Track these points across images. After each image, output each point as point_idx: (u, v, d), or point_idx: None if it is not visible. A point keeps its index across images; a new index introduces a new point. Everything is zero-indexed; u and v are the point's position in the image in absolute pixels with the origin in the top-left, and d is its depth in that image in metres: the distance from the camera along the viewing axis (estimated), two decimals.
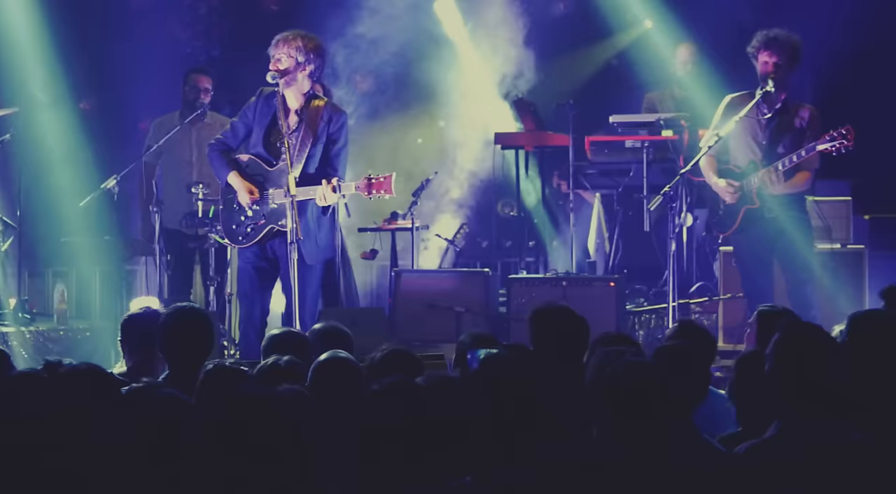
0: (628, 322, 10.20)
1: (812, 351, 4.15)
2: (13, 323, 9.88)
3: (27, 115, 10.70)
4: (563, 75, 12.84)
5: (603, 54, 13.13)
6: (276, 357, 5.18)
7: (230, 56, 12.56)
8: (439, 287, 10.27)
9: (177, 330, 5.78)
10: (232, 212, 8.46)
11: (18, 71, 11.08)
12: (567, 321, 5.69)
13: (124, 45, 12.02)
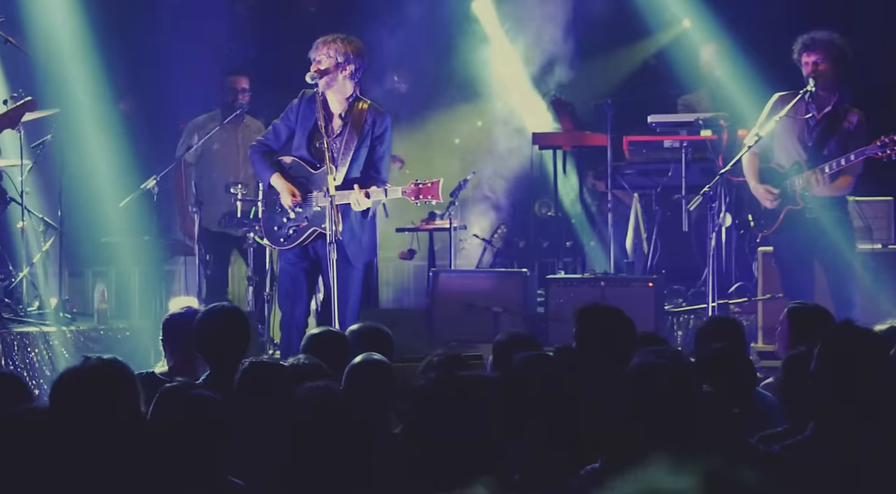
0: (667, 322, 10.17)
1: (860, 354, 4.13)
2: (54, 322, 9.95)
3: (68, 116, 10.76)
4: (600, 75, 12.81)
5: (641, 54, 13.09)
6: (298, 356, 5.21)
7: (268, 57, 12.60)
8: (477, 287, 10.26)
9: (212, 329, 5.81)
10: (274, 214, 8.48)
11: (59, 71, 11.14)
12: (612, 321, 5.68)
13: (163, 45, 12.08)
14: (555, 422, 3.91)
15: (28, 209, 10.16)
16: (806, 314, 5.94)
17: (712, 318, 7.61)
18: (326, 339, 5.81)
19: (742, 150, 8.82)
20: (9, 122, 8.30)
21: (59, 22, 11.33)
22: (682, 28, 12.64)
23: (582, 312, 5.68)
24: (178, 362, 6.11)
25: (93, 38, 11.38)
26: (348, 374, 4.86)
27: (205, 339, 5.76)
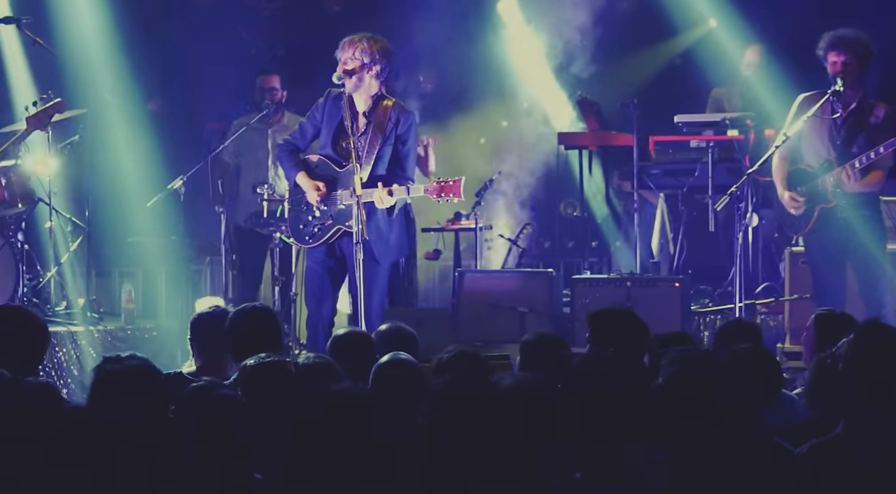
0: (693, 322, 10.15)
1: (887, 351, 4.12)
2: (82, 322, 9.99)
3: (96, 116, 10.80)
4: (626, 75, 12.79)
5: (667, 53, 13.07)
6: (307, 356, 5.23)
7: (295, 57, 12.63)
8: (503, 287, 10.25)
9: (243, 330, 5.82)
10: (300, 213, 8.51)
11: (87, 72, 11.18)
12: (627, 323, 5.68)
13: (190, 46, 12.12)
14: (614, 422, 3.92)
15: (56, 209, 10.21)
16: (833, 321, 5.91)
17: (731, 321, 7.59)
18: (350, 340, 5.82)
19: (769, 150, 8.79)
20: (38, 123, 8.34)
21: (86, 22, 11.38)
22: (708, 27, 12.61)
23: (595, 316, 5.69)
24: (206, 362, 6.12)
25: (120, 38, 11.43)
26: (375, 374, 4.86)
27: (236, 340, 5.77)
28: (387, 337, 6.04)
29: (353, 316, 8.43)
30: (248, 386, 4.80)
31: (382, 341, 5.94)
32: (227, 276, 10.49)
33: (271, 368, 4.91)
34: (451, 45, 12.59)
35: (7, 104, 11.13)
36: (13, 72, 11.21)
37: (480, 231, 11.31)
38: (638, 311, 9.38)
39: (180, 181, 10.24)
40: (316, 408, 3.76)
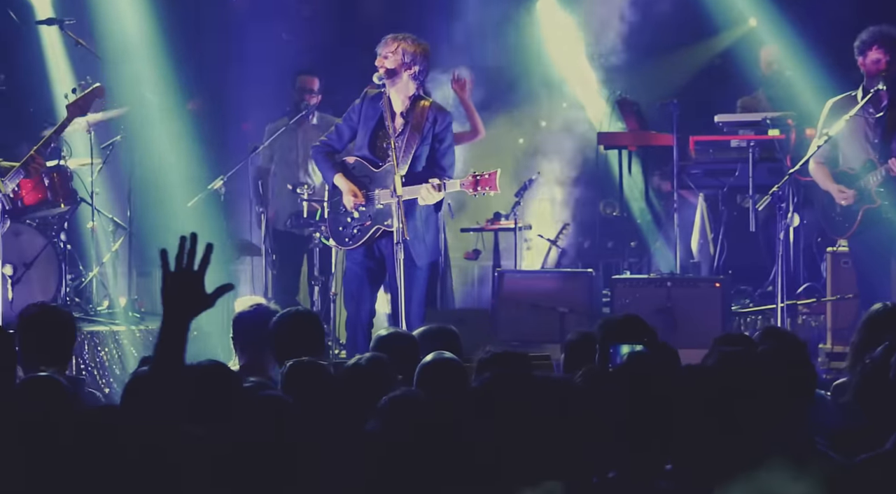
0: (734, 323, 10.10)
1: None
2: (124, 321, 10.06)
3: (137, 117, 10.87)
4: (666, 74, 12.75)
5: (706, 53, 13.01)
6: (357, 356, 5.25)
7: (333, 58, 12.65)
8: (542, 287, 10.23)
9: (288, 334, 5.86)
10: (338, 214, 8.52)
11: (129, 73, 11.26)
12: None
13: (231, 46, 12.17)
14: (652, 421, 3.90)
15: (98, 209, 10.28)
16: (887, 318, 5.84)
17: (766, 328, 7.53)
18: (394, 340, 5.83)
19: (811, 149, 8.75)
20: (78, 110, 8.38)
21: (127, 23, 11.45)
22: (749, 27, 12.55)
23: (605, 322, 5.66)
24: (249, 360, 6.15)
25: (161, 39, 11.49)
26: (420, 373, 4.87)
27: (280, 344, 5.81)
28: (429, 336, 6.05)
29: (393, 317, 8.44)
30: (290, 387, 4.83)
31: (425, 341, 5.94)
32: (267, 276, 10.54)
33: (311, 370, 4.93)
34: (490, 45, 12.58)
35: (50, 105, 11.20)
36: (55, 73, 11.29)
37: (520, 231, 11.29)
38: (678, 312, 9.50)
39: (221, 181, 10.30)
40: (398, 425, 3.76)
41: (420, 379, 4.87)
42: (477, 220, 11.65)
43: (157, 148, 11.34)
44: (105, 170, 10.59)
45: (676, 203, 11.06)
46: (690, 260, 11.33)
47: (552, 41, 13.02)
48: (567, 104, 13.14)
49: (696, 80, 12.81)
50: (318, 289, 10.37)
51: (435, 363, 4.93)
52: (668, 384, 4.08)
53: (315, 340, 5.85)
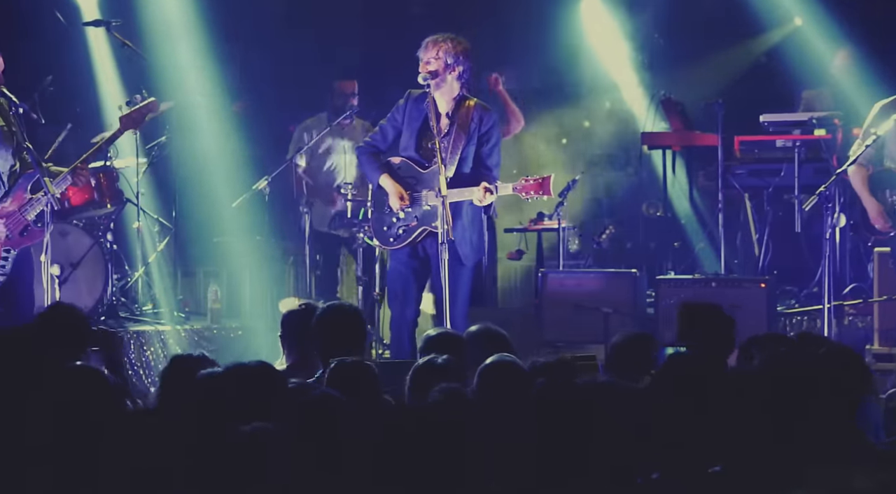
0: (779, 324, 10.04)
1: None
2: (169, 321, 10.12)
3: (182, 117, 10.93)
4: (710, 74, 12.69)
5: (752, 52, 12.95)
6: (432, 355, 5.24)
7: (375, 59, 12.68)
8: (586, 287, 10.20)
9: (329, 328, 5.87)
10: (383, 215, 8.51)
11: (174, 74, 11.32)
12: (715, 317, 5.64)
13: (274, 48, 12.22)
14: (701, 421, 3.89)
15: (143, 209, 10.35)
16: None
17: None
18: (442, 340, 5.83)
19: (855, 148, 8.69)
20: (131, 123, 8.43)
21: (173, 24, 11.52)
22: (794, 26, 12.48)
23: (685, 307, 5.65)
24: (297, 360, 6.18)
25: (207, 40, 11.55)
26: (481, 375, 4.87)
27: (322, 336, 5.82)
28: (478, 337, 6.05)
29: (437, 317, 8.44)
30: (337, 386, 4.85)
31: (473, 341, 5.94)
32: (310, 276, 10.57)
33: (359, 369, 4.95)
34: (532, 46, 12.57)
35: (97, 106, 11.30)
36: (102, 75, 11.38)
37: (563, 231, 11.28)
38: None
39: (265, 181, 10.34)
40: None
41: (481, 381, 4.86)
42: (520, 220, 11.65)
43: (203, 148, 11.40)
44: (150, 171, 10.66)
45: (721, 203, 11.01)
46: (735, 261, 11.27)
47: (596, 41, 13.00)
48: (610, 104, 13.11)
49: (741, 80, 12.73)
50: (361, 289, 10.39)
51: (496, 364, 4.92)
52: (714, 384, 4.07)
53: (356, 335, 5.85)
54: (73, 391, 4.23)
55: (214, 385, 4.46)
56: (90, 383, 4.31)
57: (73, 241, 9.71)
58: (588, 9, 12.99)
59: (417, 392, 4.99)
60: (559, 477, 3.69)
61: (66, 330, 5.60)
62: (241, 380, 4.44)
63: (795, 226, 10.27)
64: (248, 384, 4.40)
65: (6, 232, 7.78)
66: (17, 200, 7.86)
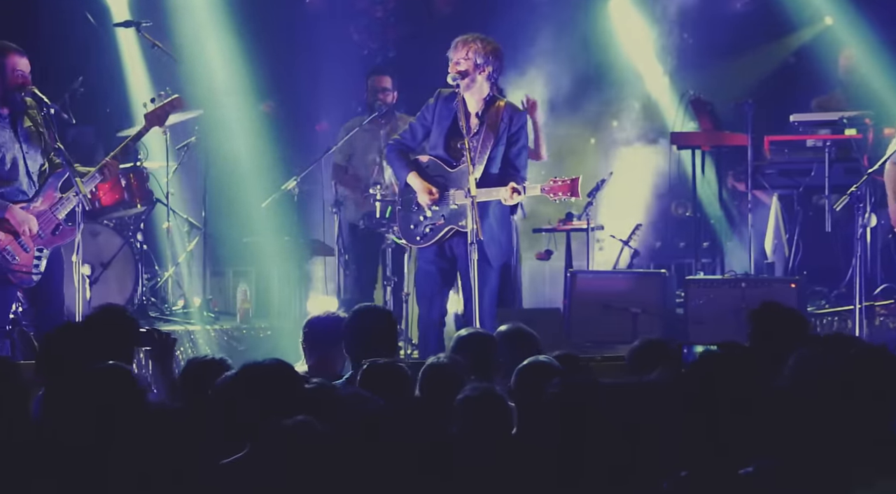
0: (809, 324, 9.97)
1: None
2: (198, 321, 10.15)
3: (211, 118, 10.97)
4: (740, 73, 12.65)
5: (781, 52, 12.89)
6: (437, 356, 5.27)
7: (406, 58, 12.69)
8: (615, 288, 10.18)
9: (361, 331, 5.89)
10: (410, 213, 8.52)
11: (204, 74, 11.36)
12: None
13: (303, 47, 12.24)
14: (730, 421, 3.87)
15: (173, 209, 10.38)
16: None
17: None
18: (473, 340, 5.84)
19: (890, 148, 8.65)
20: (156, 120, 8.45)
21: (203, 25, 11.56)
22: (824, 25, 12.42)
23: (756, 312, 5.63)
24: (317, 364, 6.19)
25: (236, 40, 11.58)
26: (518, 376, 4.87)
27: (354, 337, 5.84)
28: (508, 337, 6.05)
29: (465, 317, 8.44)
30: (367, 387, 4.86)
31: (503, 341, 5.95)
32: (339, 277, 10.58)
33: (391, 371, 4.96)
34: (562, 46, 12.54)
35: (126, 107, 11.34)
36: (132, 75, 11.43)
37: (592, 231, 11.25)
38: None
39: (294, 181, 10.35)
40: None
41: (518, 382, 4.87)
42: (549, 221, 11.62)
43: (232, 149, 11.44)
44: (180, 171, 10.70)
45: (751, 203, 10.96)
46: (765, 261, 11.23)
47: (624, 40, 12.97)
48: (639, 104, 13.07)
49: (770, 79, 12.68)
50: (390, 289, 10.39)
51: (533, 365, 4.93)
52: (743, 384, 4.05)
53: (388, 336, 5.87)
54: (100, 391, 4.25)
55: (232, 385, 4.48)
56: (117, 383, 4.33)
57: (104, 241, 9.76)
58: (616, 9, 12.96)
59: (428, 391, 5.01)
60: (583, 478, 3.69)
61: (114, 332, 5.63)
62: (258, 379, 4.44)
63: (826, 226, 10.21)
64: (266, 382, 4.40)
65: (39, 230, 7.83)
66: (47, 200, 7.90)
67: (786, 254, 11.09)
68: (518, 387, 4.82)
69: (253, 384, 4.34)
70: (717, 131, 11.83)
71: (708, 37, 12.52)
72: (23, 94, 7.77)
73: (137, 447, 3.93)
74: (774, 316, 5.62)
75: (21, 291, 7.95)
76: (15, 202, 7.78)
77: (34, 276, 7.81)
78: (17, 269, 7.75)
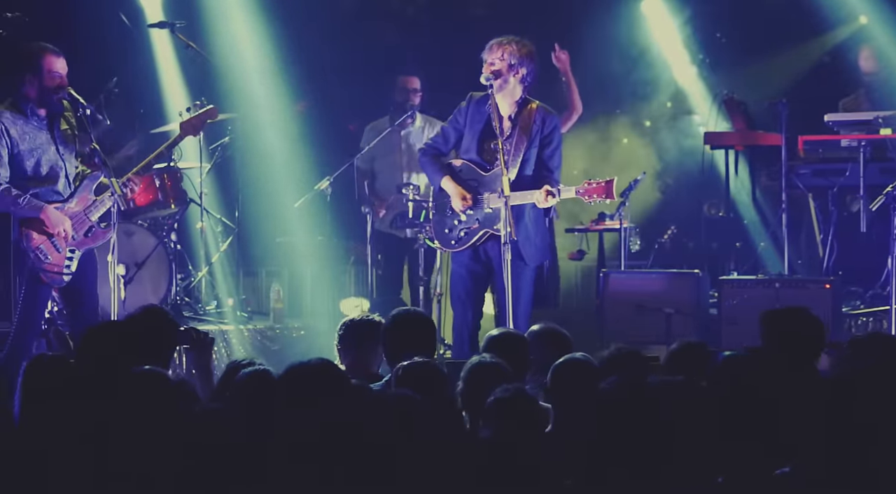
0: (844, 325, 9.94)
1: None
2: (232, 321, 10.19)
3: (245, 118, 11.00)
4: (774, 73, 12.60)
5: (816, 51, 12.83)
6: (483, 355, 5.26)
7: (438, 59, 12.69)
8: (648, 288, 10.15)
9: (400, 334, 5.92)
10: (444, 217, 8.51)
11: (238, 74, 11.40)
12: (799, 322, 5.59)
13: (336, 47, 12.26)
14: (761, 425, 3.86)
15: (207, 209, 10.42)
16: None
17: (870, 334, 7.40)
18: (505, 340, 5.84)
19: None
20: (191, 129, 8.50)
21: (236, 26, 11.59)
22: (859, 24, 12.35)
23: (765, 315, 5.61)
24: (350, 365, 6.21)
25: (269, 40, 11.62)
26: (554, 373, 4.88)
27: (392, 343, 5.86)
28: (540, 337, 6.05)
29: (499, 318, 8.43)
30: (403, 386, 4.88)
31: (536, 341, 5.95)
32: (371, 277, 10.59)
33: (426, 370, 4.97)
34: (594, 46, 12.53)
35: (160, 107, 11.39)
36: (166, 76, 11.48)
37: (625, 231, 11.23)
38: None
39: (327, 182, 10.38)
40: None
41: (554, 379, 4.87)
42: (581, 221, 11.61)
43: (265, 149, 11.47)
44: (214, 171, 10.74)
45: (785, 203, 10.91)
46: (799, 261, 11.17)
47: (657, 40, 12.94)
48: (671, 103, 13.04)
49: (804, 79, 12.63)
50: (422, 290, 10.40)
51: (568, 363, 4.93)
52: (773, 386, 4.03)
53: (427, 340, 5.89)
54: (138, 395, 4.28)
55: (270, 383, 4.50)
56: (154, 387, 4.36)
57: (138, 241, 9.80)
58: (649, 8, 12.93)
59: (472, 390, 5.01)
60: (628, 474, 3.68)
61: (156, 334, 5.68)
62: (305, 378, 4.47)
63: (861, 226, 10.15)
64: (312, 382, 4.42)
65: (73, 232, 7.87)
66: (81, 201, 7.94)
67: (820, 255, 11.03)
68: (554, 385, 4.82)
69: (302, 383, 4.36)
70: (750, 131, 11.79)
71: (742, 36, 12.47)
72: (60, 96, 7.81)
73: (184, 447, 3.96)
74: (787, 320, 5.60)
75: (56, 291, 8.00)
76: (50, 202, 7.83)
77: (65, 276, 7.86)
78: (48, 269, 7.80)
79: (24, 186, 7.77)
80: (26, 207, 7.74)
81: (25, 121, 7.81)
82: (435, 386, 4.86)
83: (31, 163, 7.80)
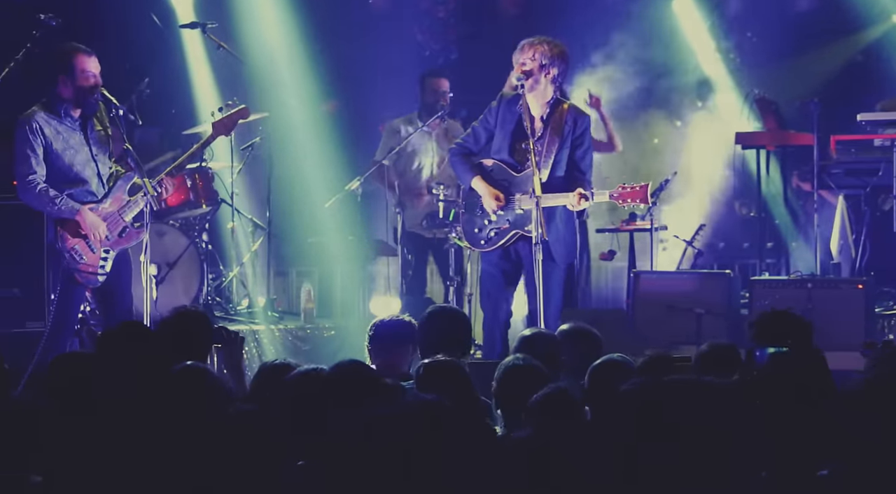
0: (877, 325, 9.89)
1: None
2: (263, 321, 10.21)
3: (276, 118, 11.03)
4: (806, 72, 12.54)
5: (847, 50, 12.77)
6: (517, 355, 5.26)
7: (468, 59, 12.69)
8: (679, 288, 10.13)
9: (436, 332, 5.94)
10: (474, 217, 8.50)
11: (268, 75, 11.44)
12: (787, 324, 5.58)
13: (366, 48, 12.28)
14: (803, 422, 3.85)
15: (238, 210, 10.45)
16: None
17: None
18: (537, 339, 5.85)
19: None
20: (223, 129, 8.53)
21: (267, 26, 11.63)
22: (892, 23, 12.29)
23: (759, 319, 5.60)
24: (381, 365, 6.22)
25: (300, 41, 11.65)
26: (591, 374, 4.88)
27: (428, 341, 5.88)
28: (571, 336, 6.05)
29: (530, 317, 8.42)
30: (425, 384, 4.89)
31: (566, 340, 5.95)
32: (402, 276, 10.60)
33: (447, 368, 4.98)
34: (626, 46, 12.51)
35: (191, 108, 11.43)
36: (197, 76, 11.52)
37: (655, 231, 11.20)
38: (819, 313, 9.32)
39: (358, 181, 10.38)
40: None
41: (592, 380, 4.87)
42: (612, 221, 11.59)
43: (296, 149, 11.50)
44: (245, 172, 10.77)
45: (817, 203, 10.86)
46: (831, 262, 11.12)
47: (688, 40, 12.91)
48: (702, 103, 13.01)
49: (837, 78, 12.57)
50: (452, 289, 10.40)
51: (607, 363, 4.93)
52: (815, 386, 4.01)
53: (462, 338, 5.91)
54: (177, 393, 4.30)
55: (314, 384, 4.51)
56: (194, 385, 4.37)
57: (170, 241, 9.84)
58: (680, 8, 12.90)
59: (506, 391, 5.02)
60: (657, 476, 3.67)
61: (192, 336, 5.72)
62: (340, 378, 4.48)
63: (894, 227, 10.09)
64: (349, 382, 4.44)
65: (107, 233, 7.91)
66: (116, 202, 7.98)
67: (852, 255, 10.98)
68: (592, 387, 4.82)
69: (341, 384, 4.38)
70: (782, 131, 11.74)
71: (773, 35, 12.42)
72: (95, 97, 7.84)
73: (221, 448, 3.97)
74: (776, 322, 5.58)
75: (90, 291, 8.04)
76: (84, 203, 7.87)
77: (99, 277, 7.90)
78: (83, 269, 7.85)
79: (59, 186, 7.82)
80: (63, 208, 7.79)
81: (59, 122, 7.86)
82: (457, 383, 4.87)
83: (65, 164, 7.85)
